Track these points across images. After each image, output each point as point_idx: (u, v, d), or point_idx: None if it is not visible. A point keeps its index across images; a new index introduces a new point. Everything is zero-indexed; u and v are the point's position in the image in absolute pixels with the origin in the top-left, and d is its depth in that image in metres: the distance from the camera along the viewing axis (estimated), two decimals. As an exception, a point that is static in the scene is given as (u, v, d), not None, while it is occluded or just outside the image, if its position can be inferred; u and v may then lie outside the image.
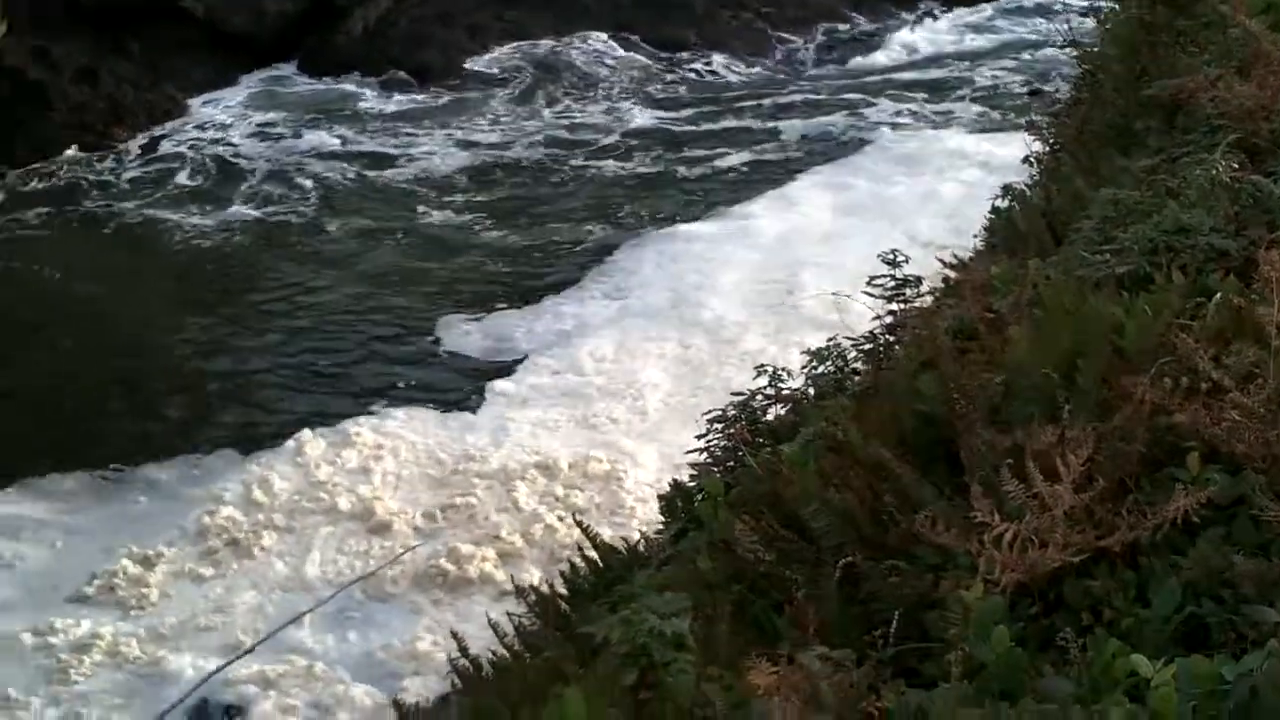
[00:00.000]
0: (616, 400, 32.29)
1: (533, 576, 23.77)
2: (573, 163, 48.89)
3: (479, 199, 46.10)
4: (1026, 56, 56.14)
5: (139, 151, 50.34)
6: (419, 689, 23.09)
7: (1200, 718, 4.33)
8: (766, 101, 53.44)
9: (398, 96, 56.13)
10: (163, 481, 30.04)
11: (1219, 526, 5.19)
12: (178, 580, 26.59)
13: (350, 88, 56.56)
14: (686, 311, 36.00)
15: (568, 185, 46.86)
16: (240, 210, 44.81)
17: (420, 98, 56.63)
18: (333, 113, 54.59)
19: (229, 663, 23.29)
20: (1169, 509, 5.18)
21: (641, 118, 54.59)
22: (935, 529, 5.44)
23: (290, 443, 30.59)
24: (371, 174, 48.03)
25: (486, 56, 60.15)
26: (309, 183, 47.09)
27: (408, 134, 52.46)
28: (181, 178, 48.04)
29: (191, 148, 50.93)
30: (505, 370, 34.37)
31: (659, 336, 34.92)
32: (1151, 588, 5.06)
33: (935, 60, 57.61)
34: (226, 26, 58.72)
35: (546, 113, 55.85)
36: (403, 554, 26.09)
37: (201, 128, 52.69)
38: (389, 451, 30.72)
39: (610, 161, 48.84)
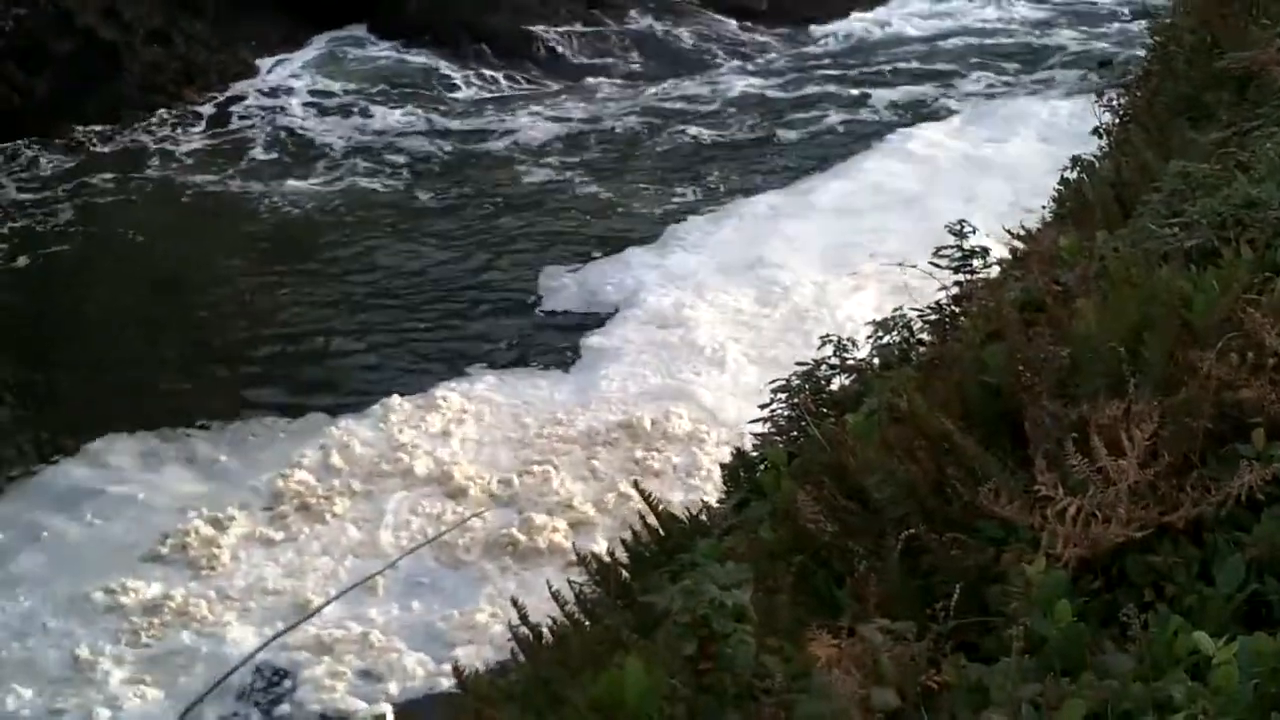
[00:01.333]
0: (698, 354, 32.50)
1: (602, 546, 24.10)
2: (667, 130, 49.11)
3: (568, 162, 46.40)
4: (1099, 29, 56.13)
5: (213, 115, 50.77)
6: (471, 658, 23.19)
7: (1262, 696, 4.32)
8: (853, 71, 53.64)
9: (474, 64, 56.47)
10: (243, 444, 30.21)
11: (1285, 504, 5.15)
12: (248, 543, 26.81)
13: (424, 55, 56.83)
14: (763, 272, 36.26)
15: (659, 150, 47.12)
16: (321, 178, 45.15)
17: (498, 64, 56.92)
18: (409, 80, 54.89)
19: (290, 627, 23.57)
20: (1233, 485, 5.15)
21: (728, 85, 54.74)
22: (998, 502, 5.43)
23: (375, 407, 30.86)
24: (451, 142, 48.37)
25: (559, 29, 60.29)
26: (392, 151, 47.43)
27: (487, 102, 52.77)
28: (257, 145, 48.46)
29: (266, 113, 51.33)
30: (596, 324, 34.75)
31: (738, 293, 35.28)
32: (1215, 565, 5.04)
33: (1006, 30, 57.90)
34: (299, -15, 58.99)
35: (627, 80, 56.10)
36: (467, 518, 26.27)
37: (274, 93, 53.03)
38: (473, 416, 30.96)
39: (701, 129, 48.98)
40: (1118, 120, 13.32)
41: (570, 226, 40.57)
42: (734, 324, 34.00)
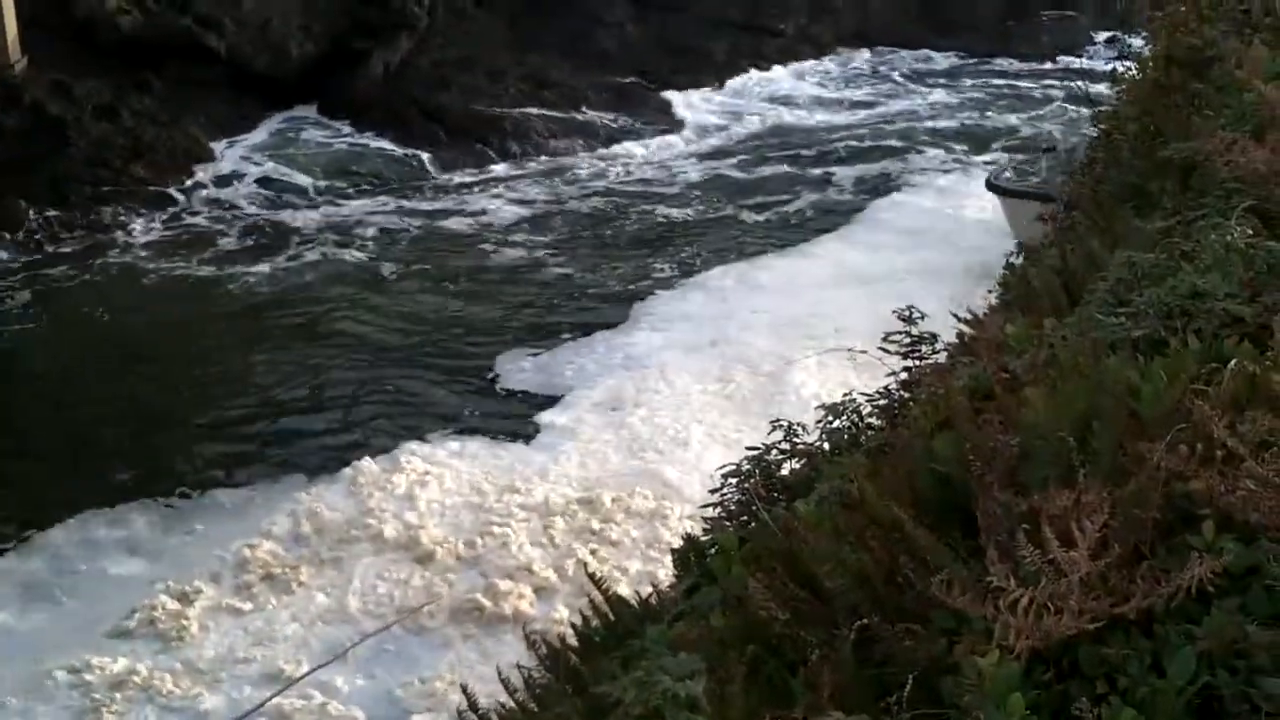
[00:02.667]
0: (660, 434, 33.72)
1: (564, 613, 24.39)
2: (632, 209, 49.97)
3: (526, 241, 47.02)
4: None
5: (170, 198, 50.92)
6: None
7: (1214, 791, 4.33)
8: (815, 149, 54.96)
9: (427, 145, 56.79)
10: (213, 514, 30.94)
11: (1234, 596, 5.18)
12: (216, 614, 27.13)
13: (377, 137, 57.19)
14: (728, 349, 36.84)
15: (623, 229, 47.86)
16: (283, 257, 45.99)
17: (451, 144, 57.19)
18: (365, 161, 55.27)
19: (265, 701, 23.52)
20: (1184, 577, 5.18)
21: (681, 164, 55.45)
22: (951, 592, 5.44)
23: (345, 470, 31.91)
24: (414, 221, 49.15)
25: (507, 101, 60.65)
26: (354, 231, 48.51)
27: (446, 183, 53.17)
28: (218, 227, 49.01)
29: (223, 197, 51.62)
30: (556, 403, 35.30)
31: (702, 372, 35.79)
32: (1166, 657, 5.06)
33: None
34: (249, 66, 59.13)
35: (583, 157, 56.53)
36: (417, 609, 26.31)
37: (229, 177, 53.31)
38: (435, 479, 31.65)
39: (660, 206, 49.79)
40: (1062, 207, 13.48)
41: (534, 302, 41.33)
42: (697, 404, 34.52)
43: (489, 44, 63.71)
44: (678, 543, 8.43)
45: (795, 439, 9.46)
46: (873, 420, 9.42)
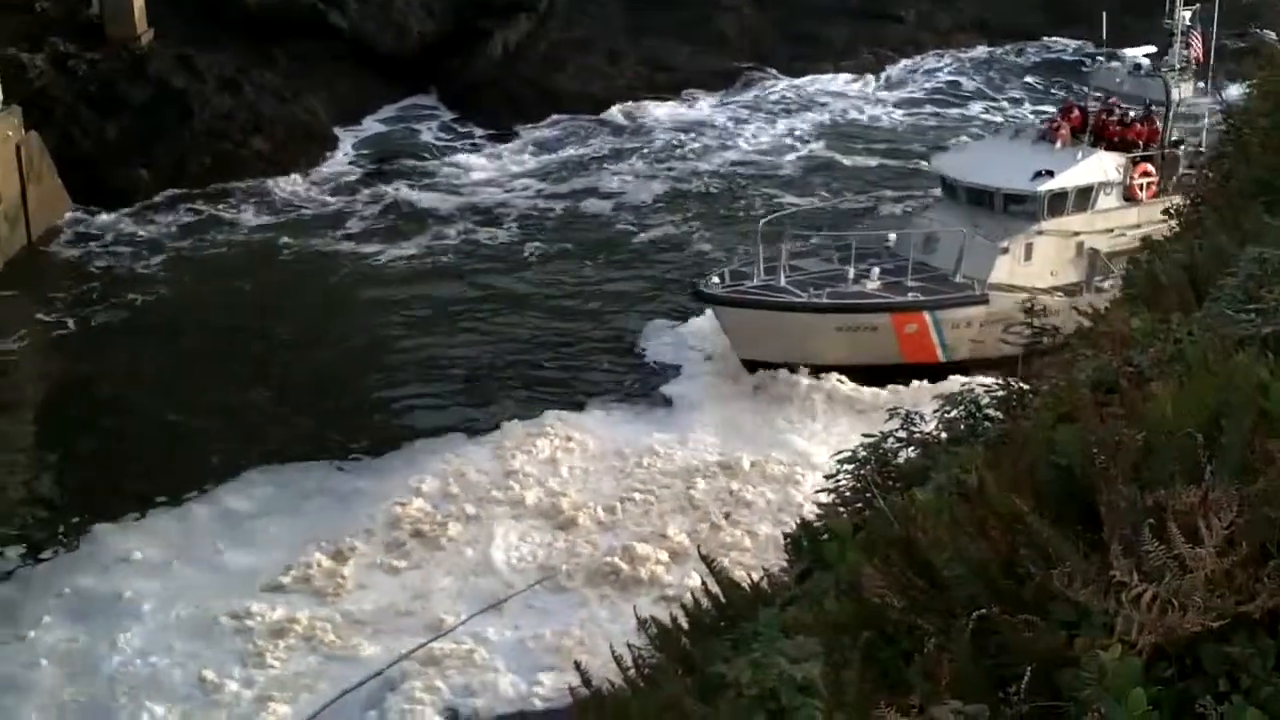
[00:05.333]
0: (790, 405, 35.32)
1: (696, 580, 24.74)
2: (749, 187, 50.05)
3: (660, 219, 47.43)
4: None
5: (291, 171, 51.77)
6: (552, 685, 24.95)
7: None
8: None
9: (547, 127, 57.13)
10: (364, 474, 32.68)
11: (1362, 598, 5.09)
12: (371, 570, 28.86)
13: (490, 116, 57.50)
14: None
15: (751, 205, 48.01)
16: (424, 235, 46.92)
17: (572, 125, 57.54)
18: (492, 142, 55.66)
19: (423, 645, 25.15)
20: (1313, 578, 5.10)
21: (795, 140, 55.55)
22: (1072, 585, 5.38)
23: (493, 434, 33.71)
24: (550, 200, 49.48)
25: (623, 84, 60.84)
26: (492, 210, 48.92)
27: (572, 162, 53.55)
28: (340, 201, 49.82)
29: (344, 171, 52.36)
30: (694, 373, 36.33)
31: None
32: (1292, 657, 4.98)
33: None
34: (371, 44, 59.62)
35: (698, 138, 56.62)
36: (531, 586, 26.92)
37: (349, 153, 53.94)
38: (577, 445, 33.34)
39: (781, 186, 49.88)
40: (1189, 202, 13.29)
41: (672, 276, 41.91)
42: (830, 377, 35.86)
43: (607, 27, 63.79)
44: (809, 508, 8.42)
45: (912, 427, 9.41)
46: (990, 412, 9.34)
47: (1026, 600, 5.74)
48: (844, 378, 35.44)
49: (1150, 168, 38.92)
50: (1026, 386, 9.12)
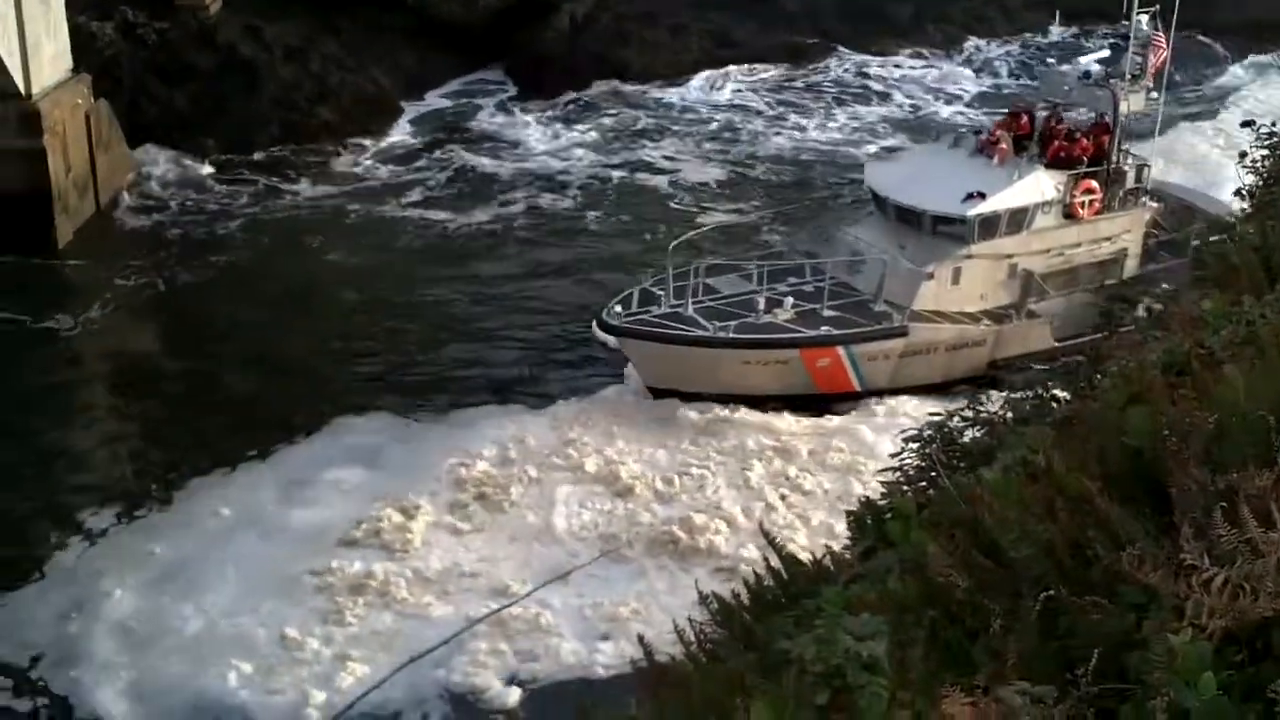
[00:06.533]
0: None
1: (753, 553, 25.11)
2: (812, 172, 49.95)
3: (718, 193, 47.68)
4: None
5: (357, 141, 52.12)
6: (611, 654, 25.79)
7: None
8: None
9: (604, 97, 57.26)
10: (428, 437, 33.25)
11: None
12: (437, 530, 29.54)
13: (556, 89, 57.64)
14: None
15: (813, 188, 47.98)
16: (487, 204, 47.38)
17: (635, 100, 57.63)
18: (554, 114, 55.86)
19: (498, 610, 25.47)
20: (1387, 564, 5.03)
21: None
22: (1141, 568, 5.34)
23: (551, 406, 34.18)
24: (609, 172, 49.49)
25: (688, 58, 60.81)
26: (551, 179, 49.19)
27: (633, 134, 53.60)
28: (405, 169, 50.33)
29: (409, 140, 52.70)
30: None
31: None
32: (1365, 645, 4.92)
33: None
34: (438, 14, 59.67)
35: (757, 116, 56.54)
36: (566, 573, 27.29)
37: (414, 123, 54.19)
38: (627, 418, 33.59)
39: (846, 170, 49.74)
40: (1261, 182, 13.12)
41: (733, 253, 41.48)
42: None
43: (672, 0, 63.66)
44: (873, 486, 8.39)
45: (978, 406, 9.36)
46: (1057, 392, 9.29)
47: (1095, 582, 5.70)
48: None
49: (1094, 184, 36.99)
50: (1096, 367, 9.05)
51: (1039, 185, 36.20)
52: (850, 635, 5.26)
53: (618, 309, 33.80)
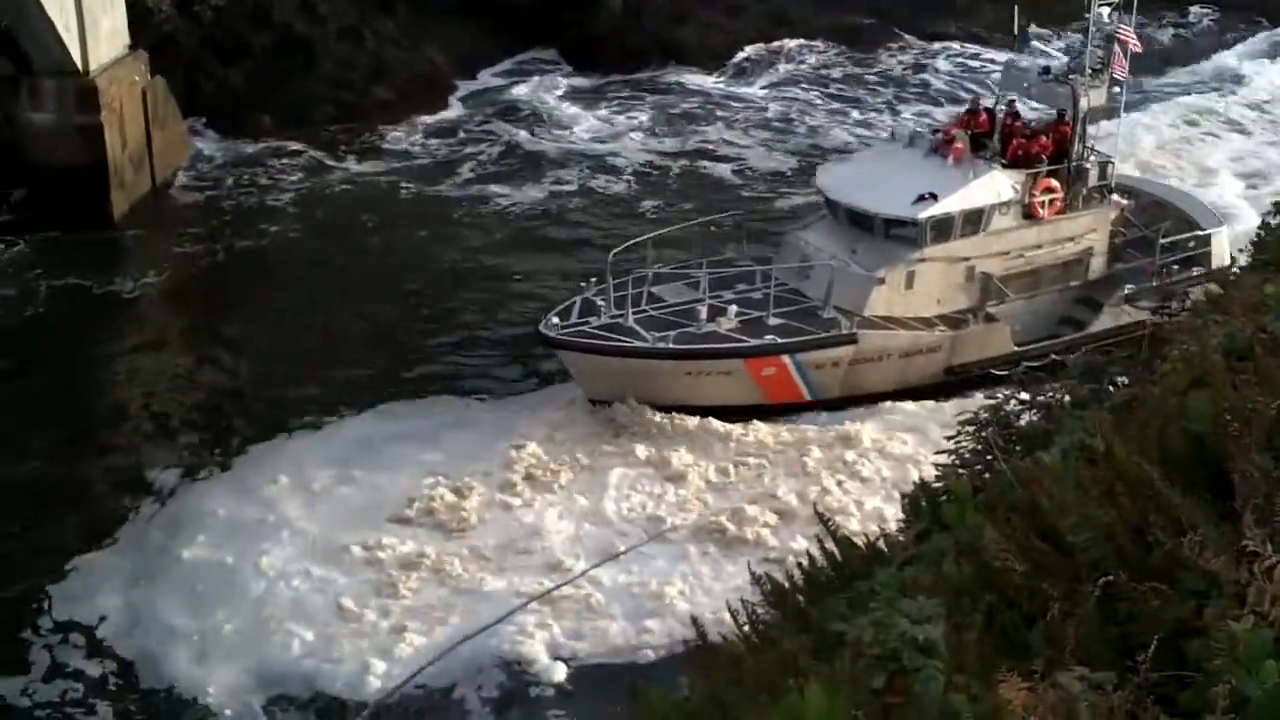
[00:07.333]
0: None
1: (801, 543, 25.12)
2: None
3: (781, 185, 47.34)
4: None
5: (412, 119, 52.28)
6: (658, 634, 26.12)
7: None
8: None
9: (659, 78, 57.26)
10: (480, 418, 33.44)
11: None
12: (490, 508, 29.87)
13: (610, 69, 57.54)
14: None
15: None
16: (540, 183, 47.31)
17: (696, 78, 57.54)
18: (600, 94, 55.67)
19: (556, 587, 26.01)
20: None
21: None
22: (1203, 554, 5.28)
23: None
24: (665, 157, 49.36)
25: (744, 38, 60.61)
26: (606, 160, 48.88)
27: (690, 115, 53.53)
28: (460, 148, 50.61)
29: (462, 119, 52.84)
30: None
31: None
32: None
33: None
34: (491, -5, 59.66)
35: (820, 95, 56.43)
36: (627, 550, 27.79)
37: (467, 102, 54.25)
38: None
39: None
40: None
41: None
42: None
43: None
44: (928, 470, 8.33)
45: (1035, 390, 9.28)
46: (1115, 375, 9.21)
47: (1155, 568, 5.65)
48: None
49: (1055, 183, 35.79)
50: (1155, 351, 8.96)
51: (995, 185, 35.13)
52: (907, 618, 5.23)
53: (555, 320, 32.85)
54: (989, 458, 8.45)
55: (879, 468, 31.01)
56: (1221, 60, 62.97)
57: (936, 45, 62.58)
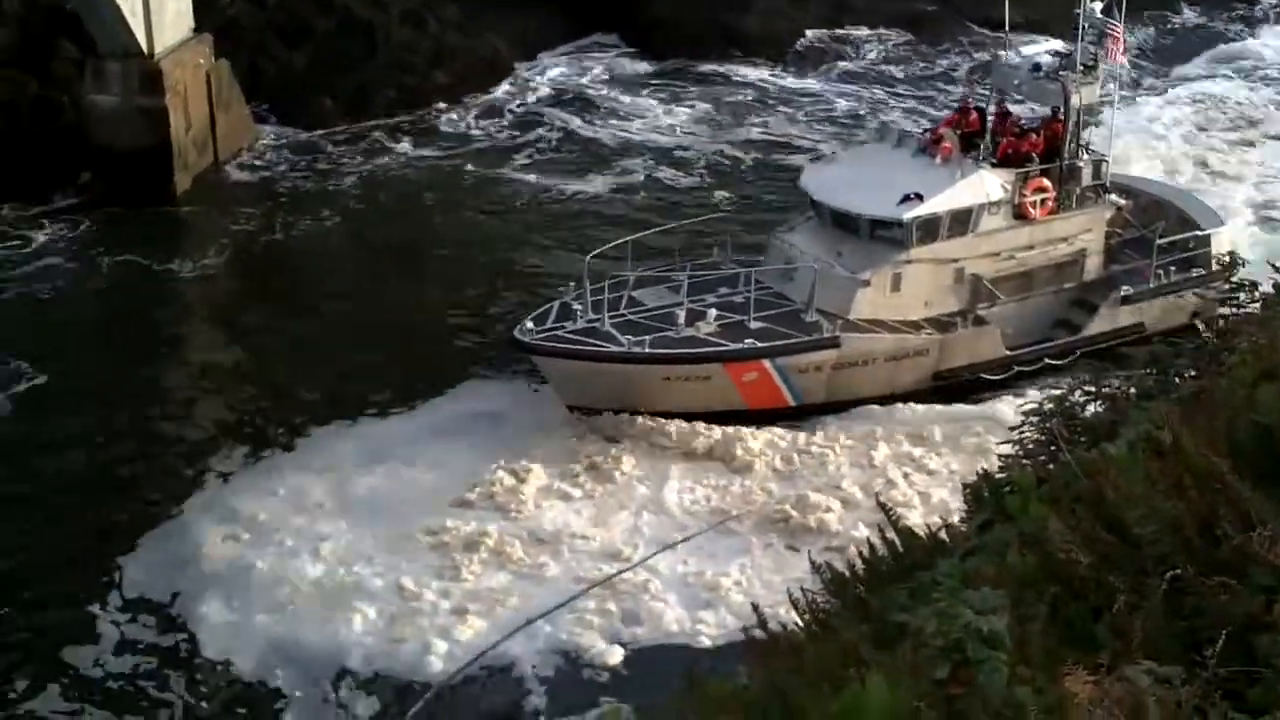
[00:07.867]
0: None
1: (864, 532, 25.00)
2: None
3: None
4: None
5: (473, 105, 52.34)
6: (713, 623, 26.24)
7: None
8: None
9: (729, 66, 56.96)
10: (540, 407, 33.07)
11: None
12: (547, 494, 30.06)
13: (673, 58, 57.36)
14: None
15: None
16: (603, 173, 47.21)
17: (757, 65, 57.33)
18: (665, 82, 55.58)
19: (614, 575, 26.29)
20: None
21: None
22: (1273, 549, 5.22)
23: None
24: (733, 149, 49.32)
25: (807, 24, 60.34)
26: (671, 151, 48.77)
27: (757, 105, 53.36)
28: (523, 135, 50.47)
29: (526, 106, 52.79)
30: None
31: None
32: None
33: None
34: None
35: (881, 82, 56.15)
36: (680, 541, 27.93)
37: (531, 89, 54.23)
38: None
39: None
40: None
41: None
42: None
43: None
44: (993, 461, 8.27)
45: (1100, 381, 9.21)
46: (1182, 367, 9.12)
47: (1223, 561, 5.59)
48: None
49: (1046, 182, 34.99)
50: (1223, 343, 8.87)
51: (983, 185, 34.37)
52: (971, 609, 5.18)
53: (530, 324, 31.97)
54: (1053, 449, 8.39)
55: (947, 460, 30.77)
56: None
57: (1000, 34, 62.04)
